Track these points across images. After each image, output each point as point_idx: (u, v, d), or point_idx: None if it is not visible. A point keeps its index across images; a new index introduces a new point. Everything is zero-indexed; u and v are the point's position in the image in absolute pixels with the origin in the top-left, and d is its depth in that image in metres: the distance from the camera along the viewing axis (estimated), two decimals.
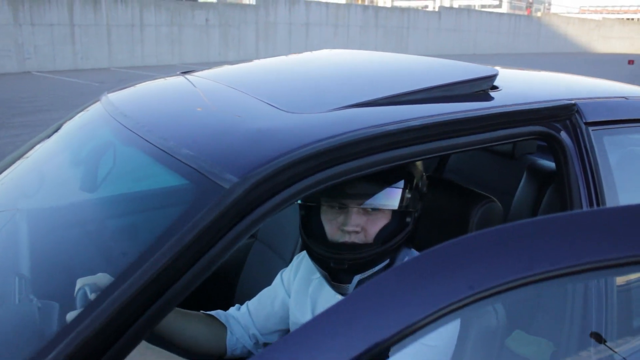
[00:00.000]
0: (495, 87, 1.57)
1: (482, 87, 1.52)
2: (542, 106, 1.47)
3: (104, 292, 0.96)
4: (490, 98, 1.49)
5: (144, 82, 1.95)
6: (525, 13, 34.04)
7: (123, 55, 18.02)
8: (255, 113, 1.33)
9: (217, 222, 1.01)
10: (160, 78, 1.94)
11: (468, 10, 30.28)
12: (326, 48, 2.33)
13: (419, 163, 1.47)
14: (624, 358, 1.32)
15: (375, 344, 0.61)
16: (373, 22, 25.92)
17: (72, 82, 14.07)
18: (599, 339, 1.34)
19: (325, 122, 1.24)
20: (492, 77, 1.55)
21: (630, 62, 23.94)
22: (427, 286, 0.65)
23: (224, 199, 1.02)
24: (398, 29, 26.93)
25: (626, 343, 1.45)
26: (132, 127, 1.38)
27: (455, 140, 1.29)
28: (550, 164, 2.42)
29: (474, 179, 2.68)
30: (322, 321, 0.65)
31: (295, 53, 2.27)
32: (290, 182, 1.09)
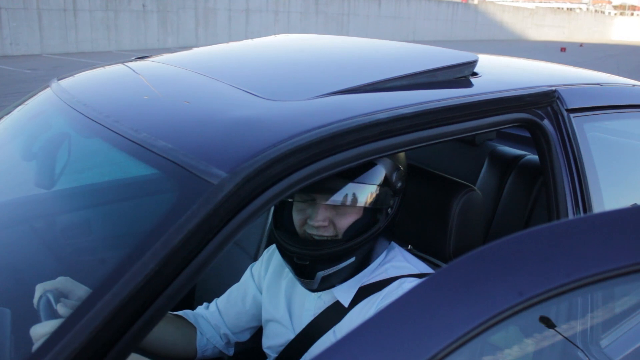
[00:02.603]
0: (475, 74, 1.53)
1: (463, 73, 1.48)
2: (525, 92, 1.44)
3: (84, 304, 0.85)
4: (474, 85, 1.44)
5: (97, 68, 1.81)
6: (462, 0, 34.58)
7: (55, 41, 17.23)
8: (233, 101, 1.23)
9: (207, 222, 0.91)
10: (116, 63, 1.80)
11: None
12: (267, 35, 2.23)
13: (396, 157, 1.42)
14: None
15: None
16: (313, 9, 25.77)
17: (2, 69, 13.35)
18: None
19: (312, 110, 1.15)
20: (473, 62, 1.51)
21: (563, 49, 24.82)
22: (470, 295, 0.58)
23: (212, 197, 0.92)
24: (338, 16, 26.88)
25: None
26: (95, 117, 1.25)
27: (446, 129, 1.24)
28: (512, 150, 2.43)
29: (435, 166, 2.66)
30: (353, 339, 0.58)
31: (236, 40, 2.16)
32: (282, 176, 1.00)
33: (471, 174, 2.51)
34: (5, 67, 13.63)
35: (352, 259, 1.35)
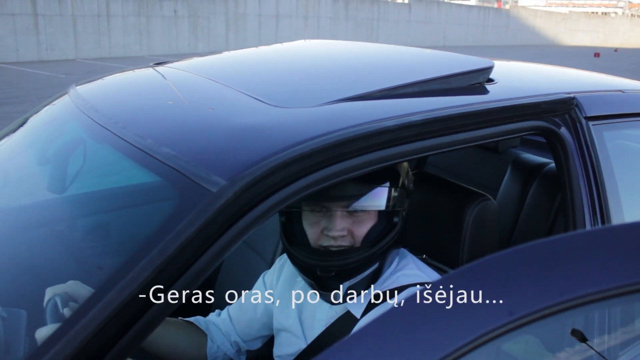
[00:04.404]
0: (490, 80, 1.49)
1: (478, 80, 1.45)
2: (541, 100, 1.40)
3: (79, 310, 0.85)
4: (489, 91, 1.41)
5: (114, 74, 1.82)
6: (496, 6, 34.17)
7: (89, 46, 17.58)
8: (240, 108, 1.23)
9: (204, 230, 0.90)
10: (131, 70, 1.82)
11: (438, 2, 30.25)
12: (296, 40, 2.21)
13: None
14: None
15: None
16: (343, 14, 25.78)
17: (37, 74, 13.65)
18: None
19: (318, 117, 1.14)
20: (489, 69, 1.47)
21: (597, 54, 24.39)
22: (456, 312, 0.56)
23: (211, 204, 0.91)
24: (368, 21, 26.84)
25: None
26: (104, 123, 1.26)
27: (457, 137, 1.21)
28: (535, 158, 2.38)
29: (457, 173, 2.62)
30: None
31: (265, 44, 2.16)
32: (283, 184, 0.99)
33: (494, 181, 2.47)
34: (41, 72, 13.93)
35: (376, 265, 1.32)
